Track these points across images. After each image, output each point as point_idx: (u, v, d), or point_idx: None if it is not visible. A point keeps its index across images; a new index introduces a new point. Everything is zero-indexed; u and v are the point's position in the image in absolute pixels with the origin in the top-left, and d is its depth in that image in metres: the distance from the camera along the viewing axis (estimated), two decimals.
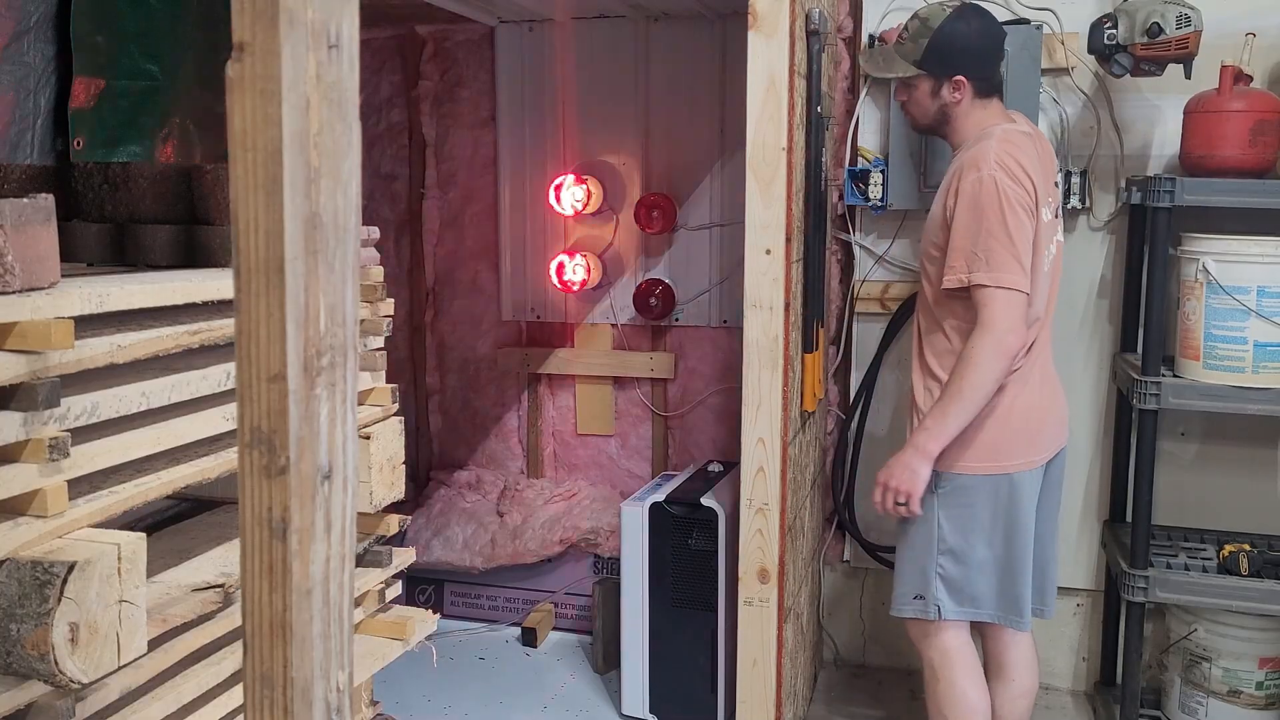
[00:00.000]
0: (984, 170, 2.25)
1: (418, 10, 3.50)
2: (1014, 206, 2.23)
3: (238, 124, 0.81)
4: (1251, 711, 2.88)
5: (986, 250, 2.23)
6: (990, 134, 2.35)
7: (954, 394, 2.26)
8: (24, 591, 1.16)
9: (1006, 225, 2.22)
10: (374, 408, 2.02)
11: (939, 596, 2.39)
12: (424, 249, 3.93)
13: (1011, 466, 2.35)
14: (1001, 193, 2.23)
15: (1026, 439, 2.38)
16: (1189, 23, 2.71)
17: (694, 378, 3.69)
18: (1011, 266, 2.22)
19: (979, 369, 2.24)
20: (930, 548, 2.38)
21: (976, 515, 2.36)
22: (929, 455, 2.30)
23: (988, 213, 2.23)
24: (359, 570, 1.97)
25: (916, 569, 2.41)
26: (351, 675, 0.93)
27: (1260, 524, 3.09)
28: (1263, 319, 2.65)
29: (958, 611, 2.39)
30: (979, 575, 2.38)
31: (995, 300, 2.22)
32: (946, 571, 2.38)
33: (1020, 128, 2.42)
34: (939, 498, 2.36)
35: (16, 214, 1.22)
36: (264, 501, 0.85)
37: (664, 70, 3.57)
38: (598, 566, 3.73)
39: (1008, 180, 2.24)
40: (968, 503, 2.36)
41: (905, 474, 2.31)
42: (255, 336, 0.83)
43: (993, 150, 2.29)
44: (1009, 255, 2.22)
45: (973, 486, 2.35)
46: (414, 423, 3.98)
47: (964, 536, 2.37)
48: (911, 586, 2.42)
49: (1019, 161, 2.29)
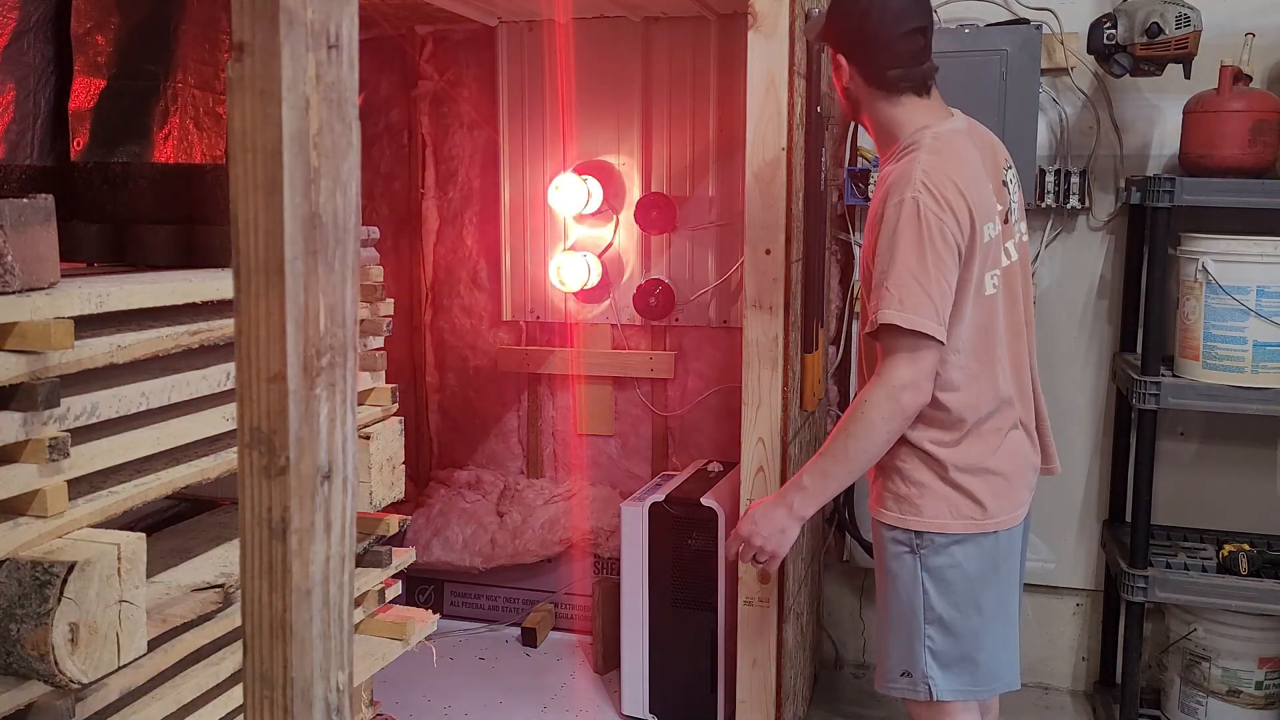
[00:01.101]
0: (906, 193, 1.91)
1: (418, 10, 3.50)
2: (934, 238, 1.89)
3: (238, 124, 0.81)
4: (1251, 711, 2.88)
5: (899, 285, 1.89)
6: (917, 142, 2.00)
7: (836, 452, 1.97)
8: (24, 591, 1.16)
9: (925, 260, 1.89)
10: (374, 408, 2.03)
11: (929, 673, 2.03)
12: (424, 249, 3.93)
13: (1001, 523, 2.03)
14: (924, 221, 1.89)
15: (1012, 489, 2.05)
16: (1188, 23, 2.72)
17: (694, 378, 3.69)
18: (925, 309, 1.88)
19: (867, 426, 1.93)
20: (916, 617, 2.03)
21: (966, 577, 2.02)
22: (801, 518, 2.04)
23: (903, 243, 1.90)
24: (359, 570, 1.97)
25: (901, 642, 2.06)
26: (351, 675, 0.94)
27: (1260, 524, 3.09)
28: (1262, 319, 2.65)
29: (953, 691, 2.04)
30: (973, 646, 2.04)
31: (898, 347, 1.90)
32: (936, 644, 2.03)
33: (952, 126, 2.06)
34: (921, 560, 2.02)
35: (16, 214, 1.22)
36: (264, 501, 0.85)
37: (664, 70, 3.57)
38: (598, 566, 3.73)
39: (932, 206, 1.90)
40: (954, 564, 2.02)
41: (775, 536, 2.04)
42: (255, 336, 0.83)
43: (919, 167, 1.93)
44: (924, 295, 1.88)
45: (959, 547, 2.01)
46: (414, 423, 3.98)
47: (953, 603, 2.02)
48: (897, 661, 2.07)
49: (952, 179, 1.93)
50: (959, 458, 2.00)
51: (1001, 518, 2.03)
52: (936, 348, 1.92)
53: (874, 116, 2.08)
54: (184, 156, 2.12)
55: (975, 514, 2.01)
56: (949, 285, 1.92)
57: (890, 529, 2.05)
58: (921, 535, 2.02)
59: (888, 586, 2.09)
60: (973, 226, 1.95)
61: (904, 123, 2.04)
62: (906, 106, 2.04)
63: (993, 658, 2.07)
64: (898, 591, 2.06)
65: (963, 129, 2.09)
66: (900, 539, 2.04)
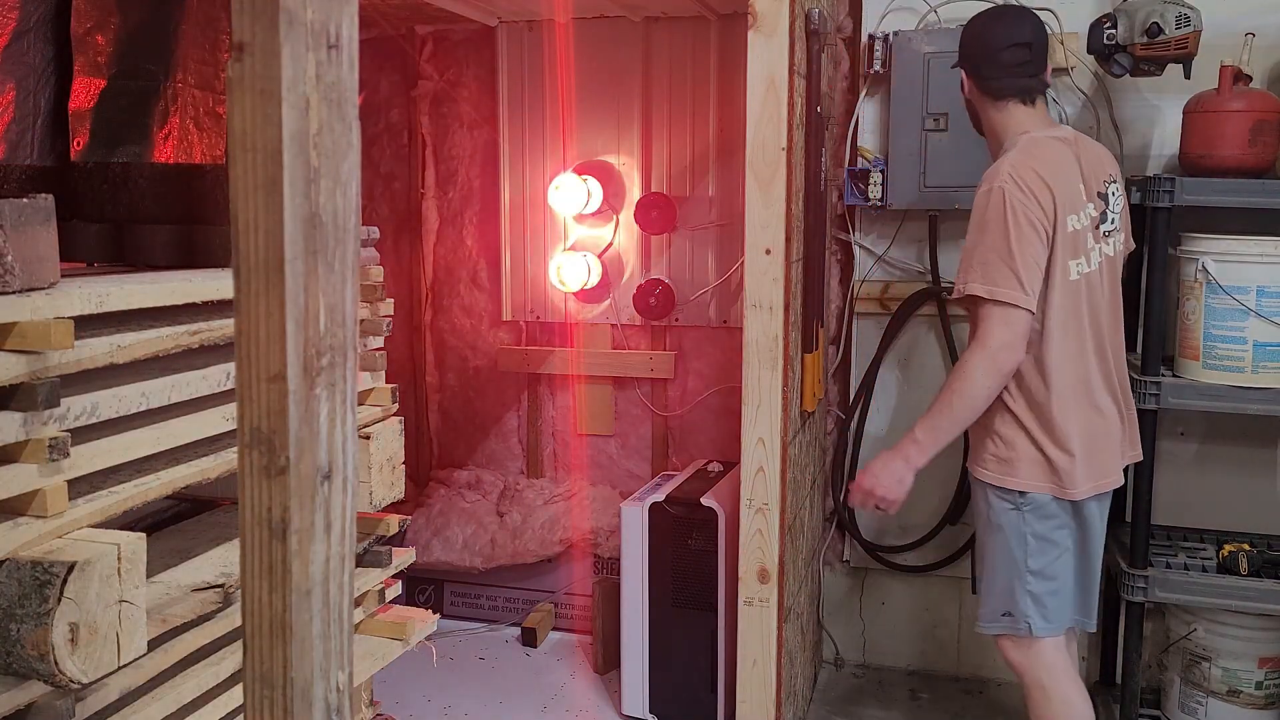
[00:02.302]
0: (995, 183, 2.23)
1: (418, 10, 3.50)
2: (1019, 220, 2.20)
3: (238, 124, 0.81)
4: (1251, 711, 2.87)
5: (984, 263, 2.21)
6: (1015, 145, 2.31)
7: (943, 408, 2.28)
8: (24, 591, 1.16)
9: (1009, 239, 2.19)
10: (374, 408, 2.03)
11: (1028, 613, 2.35)
12: (424, 249, 3.93)
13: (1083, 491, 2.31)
14: (1009, 206, 2.20)
15: (1092, 463, 2.32)
16: (1188, 23, 2.71)
17: (694, 378, 3.69)
18: (1009, 281, 2.19)
19: (970, 383, 2.24)
20: (1018, 565, 2.34)
21: (1059, 536, 2.34)
22: (916, 467, 2.32)
23: (991, 226, 2.21)
24: (359, 570, 1.97)
25: (1003, 586, 2.37)
26: (351, 675, 0.94)
27: (1260, 524, 3.09)
28: (1262, 319, 2.65)
29: (1046, 627, 2.36)
30: (1064, 589, 2.37)
31: (991, 315, 2.21)
32: (1034, 588, 2.34)
33: (1054, 134, 2.36)
34: (1023, 516, 2.33)
35: (16, 214, 1.23)
36: (264, 501, 0.85)
37: (664, 70, 3.57)
38: (598, 566, 3.73)
39: (1017, 193, 2.21)
40: (1050, 519, 2.33)
41: (893, 484, 2.33)
42: (255, 336, 0.83)
43: (1008, 162, 2.26)
44: (1008, 269, 2.19)
45: (1054, 507, 2.32)
46: (414, 423, 3.98)
47: (1048, 555, 2.34)
48: (1000, 603, 2.39)
49: (1036, 171, 2.24)
50: (1044, 426, 2.28)
51: (1084, 486, 2.30)
52: (1025, 316, 2.21)
53: (987, 123, 2.41)
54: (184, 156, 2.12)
55: (1058, 480, 2.29)
56: (1035, 261, 2.21)
57: (994, 488, 2.34)
58: (1024, 494, 2.31)
59: (992, 538, 2.38)
60: (1056, 212, 2.23)
61: (1009, 128, 2.36)
62: (1012, 113, 2.36)
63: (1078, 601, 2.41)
64: (1002, 543, 2.36)
65: (1065, 138, 2.37)
66: (1004, 497, 2.33)
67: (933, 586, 3.42)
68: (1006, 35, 2.36)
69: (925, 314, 3.34)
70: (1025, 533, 2.33)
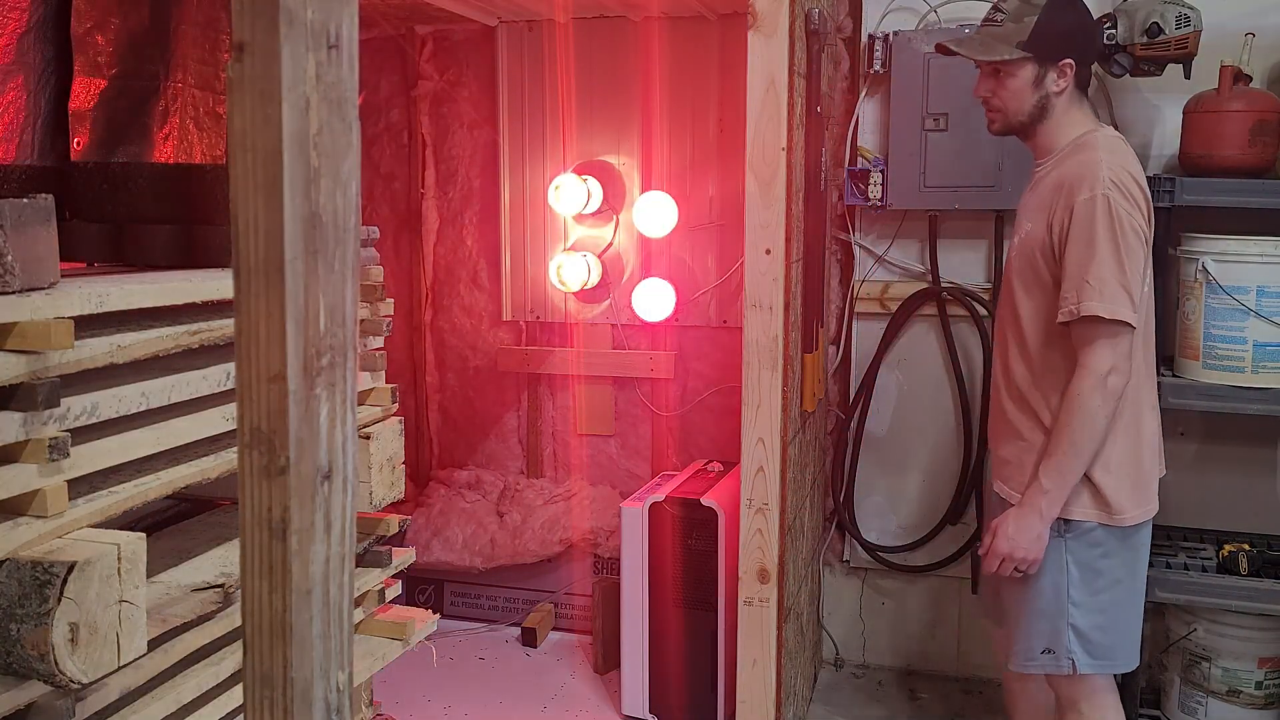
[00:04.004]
0: (1097, 189, 2.05)
1: (418, 10, 3.50)
2: (1127, 231, 2.04)
3: (237, 124, 0.81)
4: (1251, 711, 2.88)
5: (1099, 278, 2.03)
6: (1092, 143, 2.14)
7: (1067, 448, 2.08)
8: (24, 591, 1.16)
9: (1119, 252, 2.03)
10: (374, 408, 2.03)
11: (1072, 649, 2.18)
12: (424, 249, 3.93)
13: (1133, 517, 2.17)
14: (1115, 215, 2.03)
15: (1145, 485, 2.20)
16: (1188, 23, 2.71)
17: (694, 378, 3.69)
18: (1122, 299, 2.03)
19: (1089, 416, 2.06)
20: (1059, 597, 2.17)
21: (1108, 565, 2.18)
22: (1050, 519, 2.13)
23: (1100, 238, 2.03)
24: (359, 570, 1.97)
25: (1044, 621, 2.19)
26: (351, 675, 0.94)
27: (1260, 524, 3.09)
28: (1262, 319, 2.65)
29: (1092, 665, 2.19)
30: (1115, 625, 2.21)
31: (1100, 337, 2.04)
32: (1078, 622, 2.18)
33: (1111, 130, 2.23)
34: (1067, 544, 2.16)
35: (16, 214, 1.23)
36: (264, 501, 0.85)
37: (664, 70, 3.57)
38: (598, 566, 3.73)
39: (1122, 200, 2.04)
40: (1096, 546, 2.17)
41: (1034, 544, 2.13)
42: (255, 336, 0.83)
43: (1104, 164, 2.08)
44: (1119, 286, 2.03)
45: (1104, 535, 2.16)
46: (414, 423, 3.98)
47: (1095, 585, 2.18)
48: (1039, 640, 2.21)
49: (1133, 176, 2.09)
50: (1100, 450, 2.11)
51: (1133, 512, 2.16)
52: (1130, 332, 2.06)
53: (1059, 117, 2.19)
54: (184, 156, 2.12)
55: (1106, 508, 2.14)
56: (1139, 276, 2.07)
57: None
58: (1069, 523, 2.15)
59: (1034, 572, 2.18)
60: (1151, 220, 2.12)
61: (1076, 123, 2.19)
62: (1082, 106, 2.21)
63: (1125, 639, 2.23)
64: (1043, 573, 2.17)
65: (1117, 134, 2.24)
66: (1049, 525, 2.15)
67: (932, 586, 3.42)
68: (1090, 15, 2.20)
69: (925, 314, 3.34)
70: (1068, 561, 2.16)
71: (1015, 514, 2.15)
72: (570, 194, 3.57)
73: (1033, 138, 2.24)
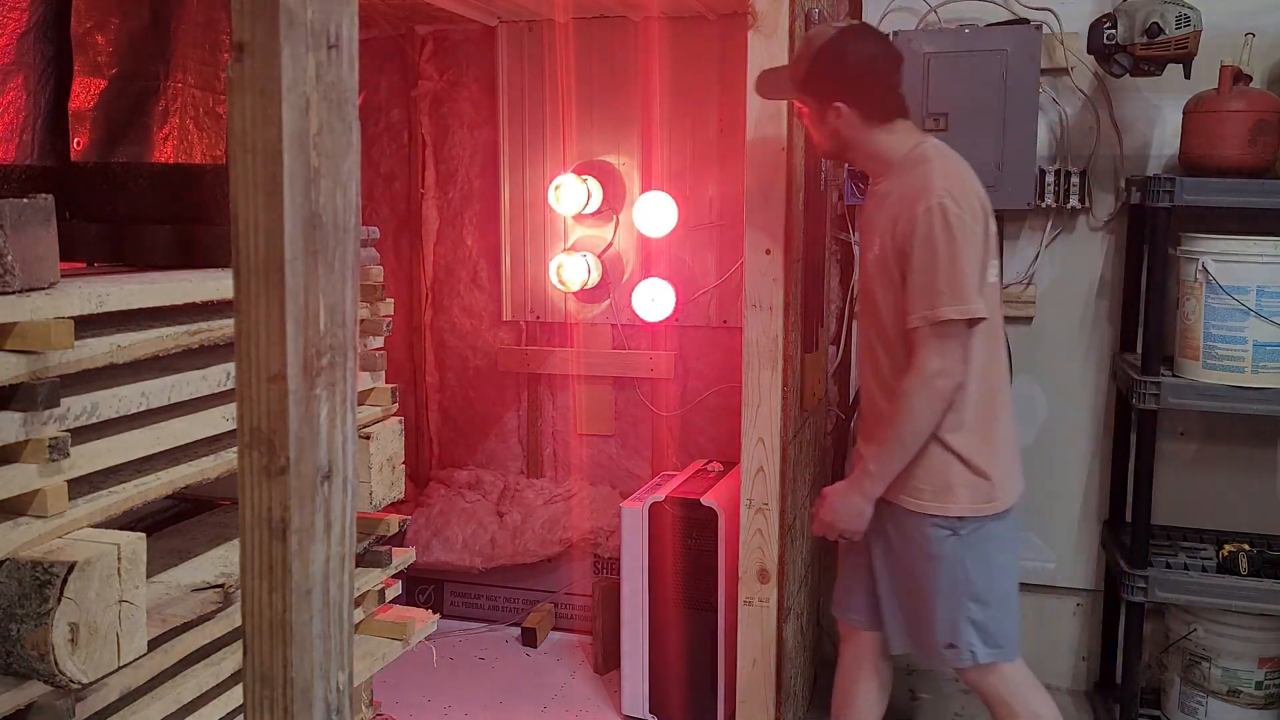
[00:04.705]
0: (931, 199, 2.14)
1: (418, 10, 3.50)
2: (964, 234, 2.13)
3: (238, 124, 0.81)
4: (1251, 711, 2.88)
5: (935, 284, 2.14)
6: (923, 155, 2.23)
7: (893, 439, 2.22)
8: (24, 591, 1.16)
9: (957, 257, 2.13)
10: (374, 408, 2.03)
11: (971, 642, 2.29)
12: (424, 249, 3.93)
13: (1013, 499, 2.30)
14: (952, 221, 2.13)
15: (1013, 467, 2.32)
16: (1188, 23, 2.71)
17: (694, 378, 3.69)
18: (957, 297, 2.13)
19: (914, 413, 2.18)
20: (958, 594, 2.28)
21: (996, 554, 2.30)
22: (874, 498, 2.27)
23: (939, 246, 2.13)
24: (359, 570, 1.97)
25: (943, 618, 2.30)
26: (351, 675, 0.94)
27: (1260, 524, 3.09)
28: (1262, 319, 2.65)
29: (991, 653, 2.30)
30: (1001, 614, 2.32)
31: (930, 340, 2.14)
32: (976, 615, 2.28)
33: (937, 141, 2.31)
34: (962, 541, 2.26)
35: (16, 214, 1.23)
36: (264, 501, 0.85)
37: (664, 70, 3.57)
38: (598, 566, 3.73)
39: (955, 208, 2.13)
40: (988, 540, 2.28)
41: (855, 518, 2.29)
42: (255, 336, 0.83)
43: (935, 174, 2.18)
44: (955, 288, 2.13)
45: (991, 525, 2.27)
46: (414, 423, 3.98)
47: (988, 578, 2.29)
48: (940, 636, 2.32)
49: (964, 180, 2.20)
50: (968, 442, 2.23)
51: (1006, 497, 2.28)
52: (963, 332, 2.16)
53: (869, 148, 2.28)
54: (184, 156, 2.12)
55: (991, 494, 2.25)
56: (978, 276, 2.17)
57: (931, 517, 2.25)
58: (963, 519, 2.25)
59: (927, 570, 2.29)
60: (986, 221, 2.21)
61: (898, 145, 2.26)
62: (898, 131, 2.27)
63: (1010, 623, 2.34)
64: (941, 573, 2.28)
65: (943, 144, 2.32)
66: (942, 525, 2.26)
67: None
68: (884, 55, 2.28)
69: None
70: (965, 558, 2.26)
71: (843, 489, 2.31)
72: (570, 194, 3.57)
73: (854, 163, 2.39)
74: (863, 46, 2.27)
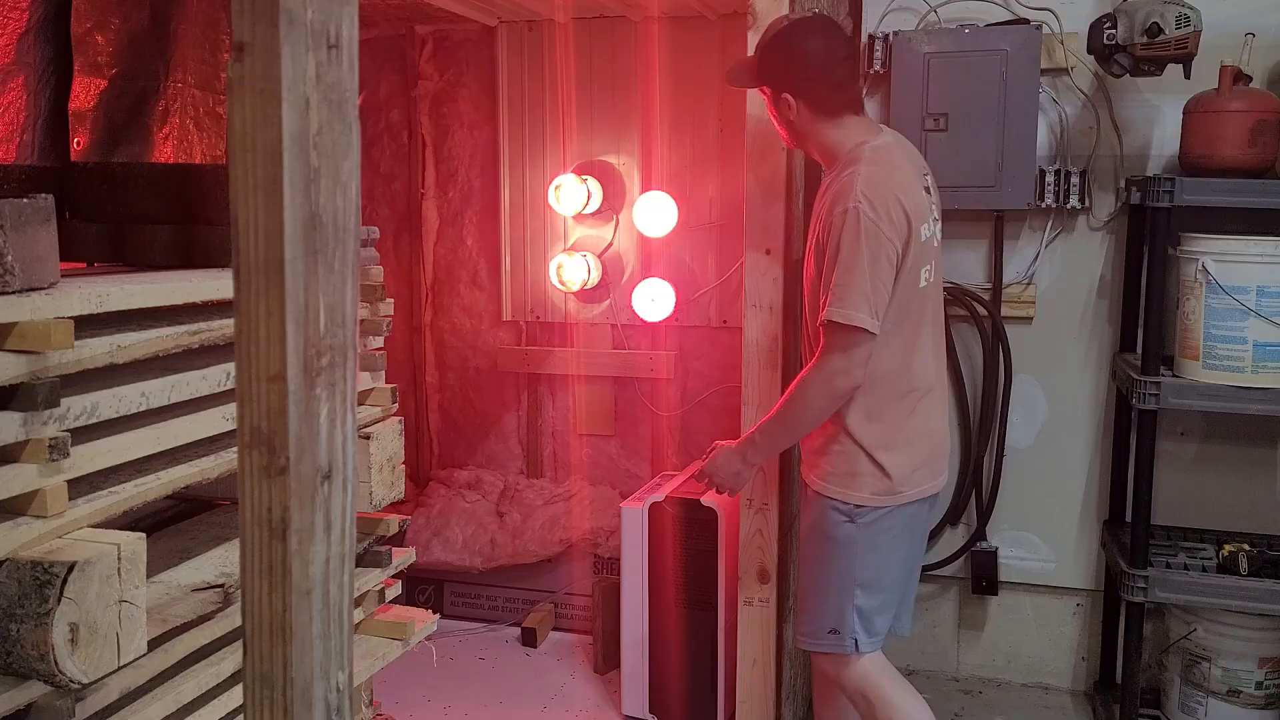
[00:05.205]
0: (848, 202, 2.14)
1: (418, 10, 3.50)
2: (873, 241, 2.13)
3: (238, 124, 0.81)
4: (1251, 711, 2.88)
5: (842, 286, 2.13)
6: (857, 156, 2.22)
7: (781, 420, 2.27)
8: (24, 591, 1.16)
9: (862, 262, 2.12)
10: (374, 408, 2.03)
11: (854, 629, 2.29)
12: (424, 249, 3.93)
13: (921, 493, 2.31)
14: (864, 227, 2.12)
15: (931, 466, 2.34)
16: (1188, 23, 2.71)
17: (694, 378, 3.69)
18: (861, 305, 2.12)
19: (805, 403, 2.22)
20: (847, 580, 2.28)
21: (891, 545, 2.30)
22: (754, 466, 2.38)
23: (845, 248, 2.13)
24: (359, 570, 1.98)
25: (831, 602, 2.30)
26: (351, 675, 0.94)
27: (1260, 524, 3.09)
28: (1262, 319, 2.65)
29: (870, 643, 2.31)
30: (887, 604, 2.33)
31: (836, 337, 2.16)
32: (861, 603, 2.29)
33: (885, 140, 2.29)
34: (859, 529, 2.27)
35: (16, 214, 1.23)
36: (264, 501, 0.85)
37: (664, 70, 3.57)
38: (598, 566, 3.73)
39: (870, 212, 2.13)
40: (886, 532, 2.29)
41: (731, 478, 2.38)
42: (255, 336, 0.83)
43: (859, 178, 2.16)
44: (861, 294, 2.12)
45: (890, 517, 2.28)
46: (414, 423, 3.98)
47: (879, 568, 2.30)
48: (826, 620, 2.31)
49: (889, 186, 2.17)
50: (874, 435, 2.25)
51: (910, 491, 2.29)
52: (868, 339, 2.16)
53: (818, 140, 2.30)
54: (184, 156, 2.12)
55: (889, 488, 2.26)
56: (885, 284, 2.16)
57: (830, 500, 2.28)
58: (861, 507, 2.27)
59: (823, 551, 2.32)
60: (909, 228, 2.19)
61: (844, 140, 2.27)
62: (847, 126, 2.27)
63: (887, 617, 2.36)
64: (833, 556, 2.30)
65: (892, 142, 2.31)
66: (841, 509, 2.28)
67: (932, 587, 3.42)
68: (831, 49, 2.27)
69: None
70: (858, 545, 2.27)
71: (727, 449, 2.39)
72: (570, 194, 3.57)
73: (809, 154, 2.39)
74: (811, 41, 2.27)
